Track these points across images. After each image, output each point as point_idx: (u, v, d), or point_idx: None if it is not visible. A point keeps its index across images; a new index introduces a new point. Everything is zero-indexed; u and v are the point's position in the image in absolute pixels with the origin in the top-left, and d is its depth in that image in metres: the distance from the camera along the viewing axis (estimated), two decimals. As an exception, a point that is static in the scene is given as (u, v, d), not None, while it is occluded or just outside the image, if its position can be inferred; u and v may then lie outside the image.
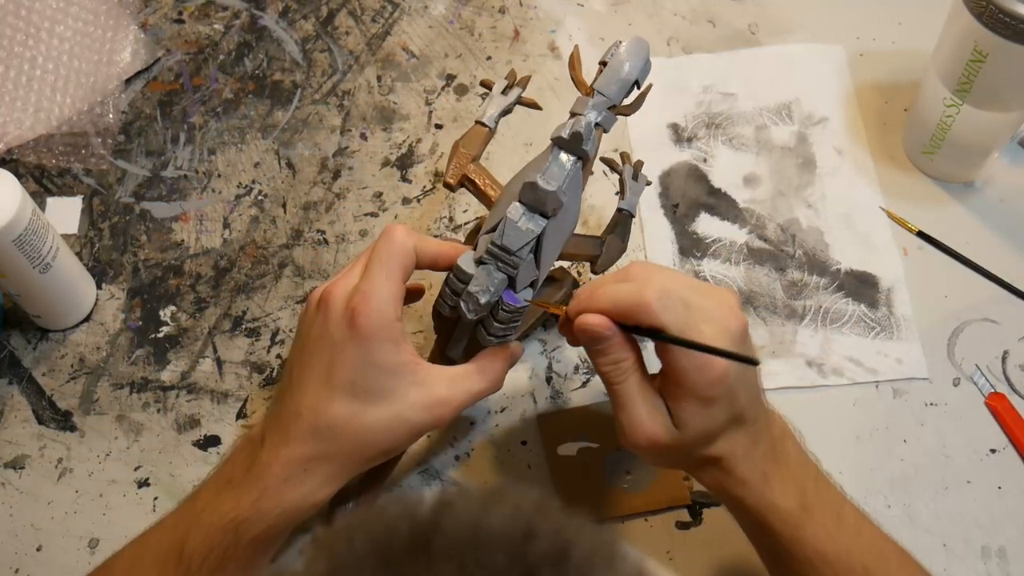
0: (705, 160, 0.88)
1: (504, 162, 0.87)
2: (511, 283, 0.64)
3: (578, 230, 0.70)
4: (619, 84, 0.65)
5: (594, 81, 0.65)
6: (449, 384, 0.64)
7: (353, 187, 0.87)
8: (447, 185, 0.72)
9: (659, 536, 0.73)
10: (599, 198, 0.86)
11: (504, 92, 0.74)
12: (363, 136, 0.90)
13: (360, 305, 0.61)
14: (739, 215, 0.85)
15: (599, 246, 0.73)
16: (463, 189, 0.73)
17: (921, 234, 0.83)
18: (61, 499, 0.75)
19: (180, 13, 0.97)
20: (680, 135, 0.89)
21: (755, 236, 0.84)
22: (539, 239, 0.63)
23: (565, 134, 0.63)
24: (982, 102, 0.78)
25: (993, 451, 0.75)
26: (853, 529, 0.62)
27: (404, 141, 0.90)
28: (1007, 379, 0.78)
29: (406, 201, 0.87)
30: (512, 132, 0.89)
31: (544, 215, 0.63)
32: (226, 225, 0.86)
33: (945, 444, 0.75)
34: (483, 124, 0.73)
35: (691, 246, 0.84)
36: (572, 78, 0.66)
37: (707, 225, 0.85)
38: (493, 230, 0.63)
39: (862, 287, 0.82)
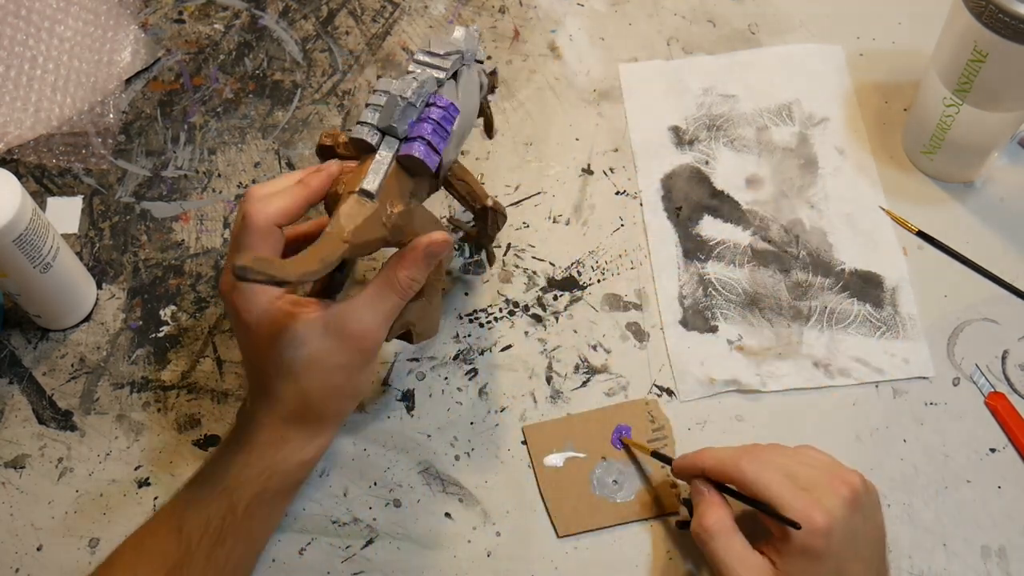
0: (707, 162, 0.88)
1: (504, 162, 0.88)
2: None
3: None
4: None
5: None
6: (359, 316, 0.64)
7: (353, 187, 0.87)
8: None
9: (659, 536, 0.72)
10: (599, 198, 0.86)
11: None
12: (363, 136, 0.90)
13: (238, 301, 0.64)
14: (742, 217, 0.85)
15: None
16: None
17: (921, 234, 0.84)
18: (61, 499, 0.75)
19: (180, 13, 0.97)
20: (681, 138, 0.89)
21: (759, 238, 0.84)
22: (455, 77, 0.68)
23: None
24: (982, 102, 0.78)
25: (993, 451, 0.75)
26: None
27: (404, 141, 0.89)
28: (1007, 379, 0.78)
29: (406, 201, 0.87)
30: (512, 132, 0.89)
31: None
32: (226, 225, 0.86)
33: (945, 444, 0.75)
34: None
35: (695, 249, 0.84)
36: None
37: (710, 228, 0.85)
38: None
39: (867, 287, 0.82)
